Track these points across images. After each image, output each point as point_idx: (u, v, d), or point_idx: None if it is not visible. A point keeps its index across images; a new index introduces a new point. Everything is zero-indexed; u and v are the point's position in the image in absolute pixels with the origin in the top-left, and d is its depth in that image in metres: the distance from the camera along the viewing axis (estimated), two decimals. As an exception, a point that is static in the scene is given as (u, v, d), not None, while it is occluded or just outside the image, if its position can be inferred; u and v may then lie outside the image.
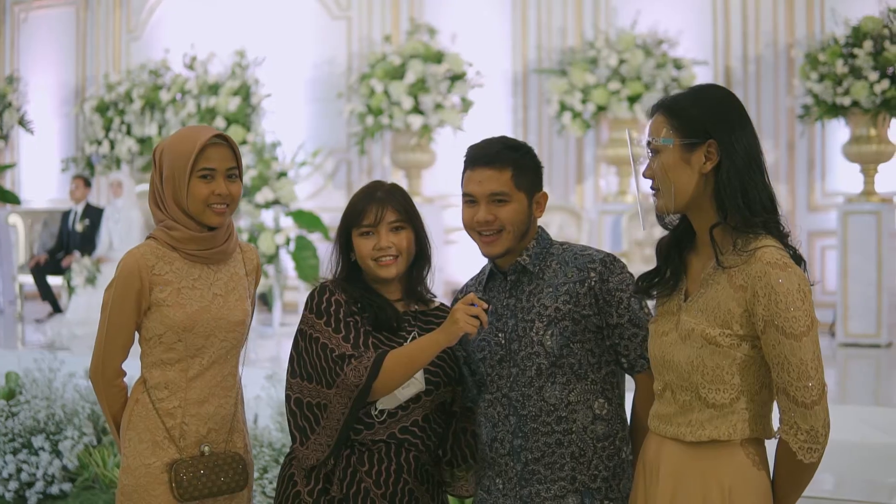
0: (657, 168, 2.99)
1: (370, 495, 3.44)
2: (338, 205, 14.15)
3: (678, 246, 3.11)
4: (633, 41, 11.92)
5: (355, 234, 3.55)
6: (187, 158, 3.53)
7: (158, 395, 3.59)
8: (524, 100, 13.53)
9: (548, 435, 3.30)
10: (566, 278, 3.34)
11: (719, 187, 2.94)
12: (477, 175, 3.36)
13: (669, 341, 3.03)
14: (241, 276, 3.74)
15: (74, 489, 6.91)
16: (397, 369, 3.34)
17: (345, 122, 13.81)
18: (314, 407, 3.42)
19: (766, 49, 12.38)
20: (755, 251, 2.89)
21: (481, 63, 12.84)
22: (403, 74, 12.48)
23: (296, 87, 14.46)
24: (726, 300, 2.90)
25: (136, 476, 3.56)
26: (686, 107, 3.01)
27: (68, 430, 7.11)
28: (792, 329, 2.81)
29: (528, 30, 13.51)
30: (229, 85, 13.00)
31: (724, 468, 2.93)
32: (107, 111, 14.24)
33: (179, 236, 3.59)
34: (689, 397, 2.97)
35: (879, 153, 10.81)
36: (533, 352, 3.32)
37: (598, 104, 11.91)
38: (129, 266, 3.57)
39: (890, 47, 10.32)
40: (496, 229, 3.34)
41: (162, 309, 3.55)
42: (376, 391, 3.36)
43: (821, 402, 2.85)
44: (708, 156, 2.96)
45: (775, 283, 2.82)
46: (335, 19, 14.57)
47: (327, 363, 3.40)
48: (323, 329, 3.45)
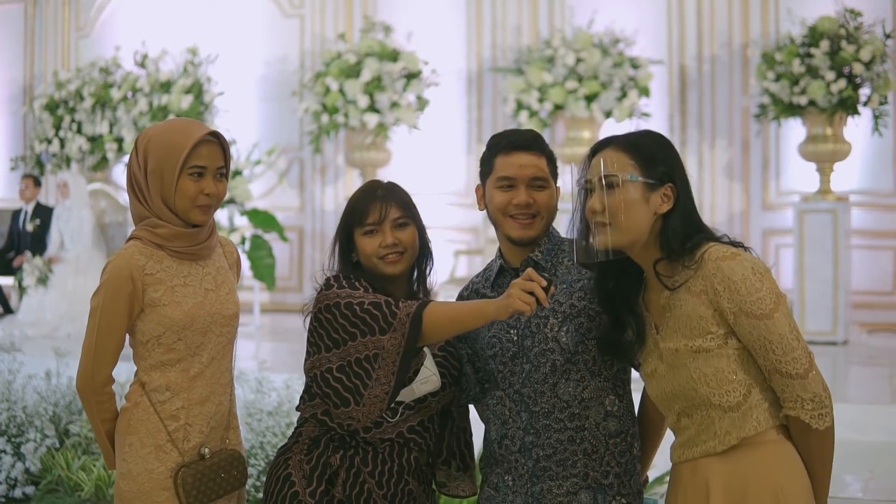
0: (614, 203, 3.01)
1: (372, 496, 3.41)
2: (291, 204, 14.12)
3: (622, 295, 3.16)
4: (590, 40, 11.94)
5: (358, 234, 3.50)
6: (178, 154, 3.42)
7: (160, 397, 3.49)
8: (478, 98, 13.51)
9: (560, 432, 3.28)
10: (580, 275, 3.33)
11: (668, 229, 3.02)
12: (516, 159, 3.37)
13: (661, 375, 3.07)
14: (226, 269, 3.66)
15: (38, 492, 6.81)
16: (442, 319, 3.25)
17: (298, 121, 13.74)
18: (362, 361, 3.30)
19: (720, 48, 12.45)
20: (702, 256, 2.96)
21: (435, 62, 12.80)
22: (359, 73, 12.42)
23: (248, 85, 14.35)
24: (694, 309, 2.96)
25: (139, 482, 3.46)
26: (647, 147, 3.08)
27: (30, 432, 7.01)
28: (761, 310, 2.89)
29: (482, 28, 13.49)
30: (181, 83, 12.91)
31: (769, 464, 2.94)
32: (57, 109, 14.06)
33: (165, 233, 3.47)
34: (704, 412, 3.00)
35: (835, 152, 10.93)
36: (547, 348, 3.29)
37: (555, 103, 11.91)
38: (118, 269, 3.44)
39: (847, 47, 10.42)
40: (532, 213, 3.35)
41: (158, 309, 3.44)
42: (423, 335, 3.26)
43: (812, 367, 2.93)
44: (664, 198, 3.03)
45: (730, 274, 2.90)
46: (288, 17, 14.48)
47: (363, 313, 3.32)
48: (343, 294, 3.37)
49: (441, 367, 3.45)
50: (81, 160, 13.89)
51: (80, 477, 6.59)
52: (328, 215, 13.98)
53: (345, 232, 3.55)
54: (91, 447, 6.87)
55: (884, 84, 10.49)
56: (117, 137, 13.49)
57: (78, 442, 6.95)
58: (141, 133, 3.54)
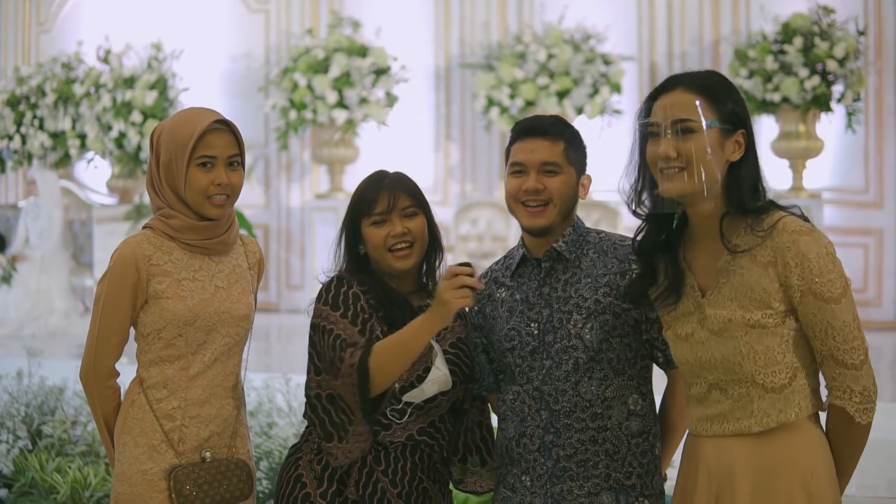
0: (690, 149, 2.85)
1: (386, 495, 3.30)
2: (257, 201, 13.96)
3: (666, 247, 3.02)
4: (561, 36, 11.88)
5: (366, 225, 3.38)
6: (185, 145, 3.31)
7: (156, 395, 3.38)
8: (447, 95, 13.41)
9: (582, 431, 3.18)
10: (606, 269, 3.23)
11: (739, 179, 2.88)
12: (529, 144, 3.25)
13: (699, 341, 2.93)
14: (244, 268, 3.53)
15: (11, 495, 6.64)
16: (389, 357, 3.18)
17: (263, 117, 13.59)
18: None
19: (691, 45, 12.44)
20: (774, 225, 2.83)
21: (404, 58, 12.69)
22: (327, 68, 12.29)
23: (212, 80, 14.17)
24: (758, 281, 2.84)
25: (132, 483, 3.33)
26: (722, 91, 2.92)
27: (2, 433, 6.85)
28: (830, 293, 2.79)
29: (451, 24, 13.40)
30: (146, 78, 12.70)
31: (801, 449, 2.86)
32: (18, 105, 13.82)
33: (178, 225, 3.37)
34: (743, 389, 2.88)
35: (808, 149, 10.97)
36: (570, 345, 3.19)
37: (526, 99, 11.83)
38: (124, 256, 3.34)
39: (820, 44, 10.46)
40: (543, 201, 3.22)
41: (161, 301, 3.33)
42: (374, 381, 3.19)
43: (867, 360, 2.84)
44: (736, 145, 2.89)
45: (806, 251, 2.79)
46: (253, 12, 14.33)
47: (329, 349, 3.27)
48: (339, 321, 3.29)
49: (452, 365, 3.34)
50: (43, 157, 13.67)
51: (54, 479, 6.42)
52: (294, 212, 13.85)
53: (351, 223, 3.43)
54: (65, 448, 6.71)
55: (857, 81, 10.57)
56: (80, 134, 13.26)
57: (51, 443, 6.78)
58: (156, 127, 3.44)
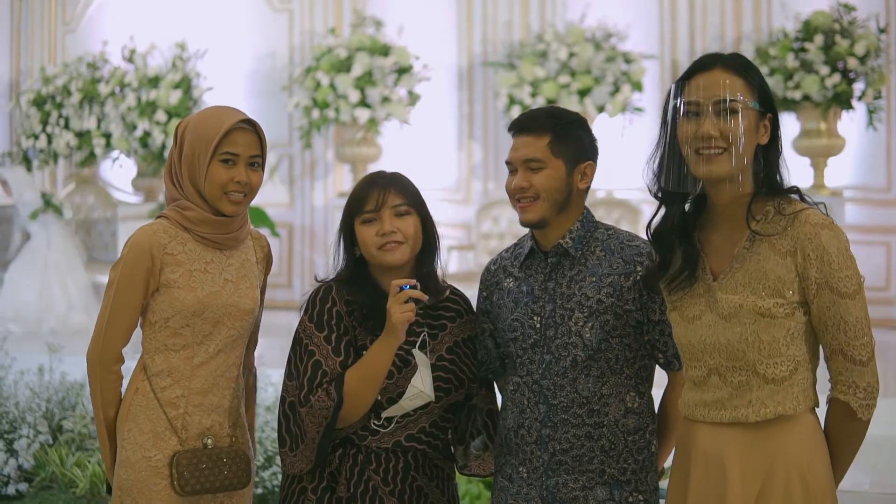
0: (735, 128, 2.87)
1: (378, 493, 3.33)
2: (281, 200, 14.03)
3: (682, 230, 3.02)
4: (583, 35, 11.88)
5: (358, 223, 3.42)
6: (210, 140, 3.40)
7: (161, 383, 3.45)
8: (470, 94, 13.42)
9: (578, 427, 3.21)
10: (611, 269, 3.26)
11: (768, 162, 2.92)
12: (515, 142, 3.33)
13: (706, 324, 2.94)
14: (253, 263, 3.61)
15: (31, 489, 6.71)
16: (358, 388, 3.26)
17: (287, 116, 13.64)
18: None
19: (712, 43, 12.40)
20: (796, 214, 2.85)
21: (426, 56, 12.72)
22: (350, 67, 12.33)
23: (236, 80, 14.24)
24: (774, 268, 2.86)
25: (136, 470, 3.40)
26: (756, 73, 2.95)
27: (23, 428, 6.92)
28: (846, 288, 2.83)
29: (473, 23, 13.41)
30: (170, 78, 12.80)
31: (798, 442, 2.88)
32: (44, 105, 13.94)
33: (193, 217, 3.45)
34: (744, 377, 2.89)
35: (829, 147, 10.89)
36: (570, 342, 3.22)
37: (547, 98, 11.81)
38: (140, 243, 3.41)
39: (841, 42, 10.41)
40: (532, 196, 3.27)
41: (172, 291, 3.41)
42: (346, 417, 3.27)
43: (873, 357, 2.88)
44: (764, 129, 2.93)
45: (827, 244, 2.82)
46: (276, 12, 14.39)
47: (302, 370, 3.33)
48: (321, 344, 3.34)
49: (446, 372, 3.37)
50: (69, 156, 13.78)
51: (74, 473, 6.50)
52: (318, 211, 13.90)
53: (346, 223, 3.47)
54: (85, 443, 6.79)
55: (878, 79, 10.49)
56: (105, 133, 13.37)
57: (72, 438, 6.86)
58: (181, 121, 3.52)
